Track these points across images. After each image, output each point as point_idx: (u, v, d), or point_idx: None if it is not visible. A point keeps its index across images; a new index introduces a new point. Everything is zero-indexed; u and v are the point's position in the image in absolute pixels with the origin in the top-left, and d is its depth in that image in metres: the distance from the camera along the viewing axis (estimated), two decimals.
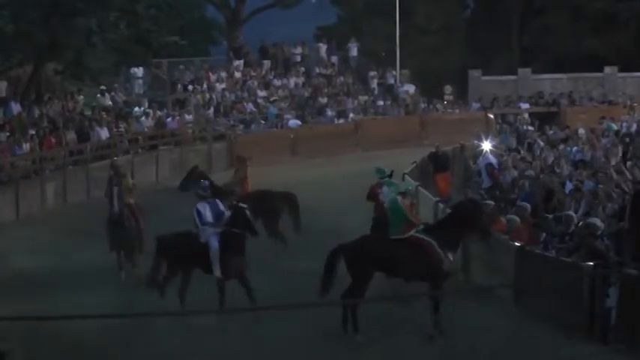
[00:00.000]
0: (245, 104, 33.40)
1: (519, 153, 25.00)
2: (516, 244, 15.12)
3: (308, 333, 13.99)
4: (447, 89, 36.08)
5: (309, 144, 31.48)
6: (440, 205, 18.54)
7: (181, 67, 35.33)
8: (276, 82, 35.34)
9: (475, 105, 35.13)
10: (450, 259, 14.05)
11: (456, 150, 26.84)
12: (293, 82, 35.57)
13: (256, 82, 35.06)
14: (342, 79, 36.33)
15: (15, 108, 28.32)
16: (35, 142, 26.20)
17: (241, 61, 36.32)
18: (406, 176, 22.06)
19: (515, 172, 21.88)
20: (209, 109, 32.74)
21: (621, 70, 35.70)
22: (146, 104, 31.90)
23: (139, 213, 18.04)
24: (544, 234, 16.22)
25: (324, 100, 34.36)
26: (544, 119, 33.23)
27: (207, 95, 33.59)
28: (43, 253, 19.61)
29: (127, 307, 15.46)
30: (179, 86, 34.28)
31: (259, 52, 37.44)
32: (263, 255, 17.20)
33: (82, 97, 31.60)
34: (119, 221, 17.51)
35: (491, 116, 33.46)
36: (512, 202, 18.84)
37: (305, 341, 13.87)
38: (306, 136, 31.74)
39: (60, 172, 25.88)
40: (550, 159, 23.76)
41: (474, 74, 36.72)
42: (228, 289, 14.98)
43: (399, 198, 14.74)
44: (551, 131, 29.48)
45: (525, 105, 34.72)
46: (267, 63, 36.58)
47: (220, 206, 15.48)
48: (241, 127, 32.28)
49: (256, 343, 13.90)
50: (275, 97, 34.13)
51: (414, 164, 24.19)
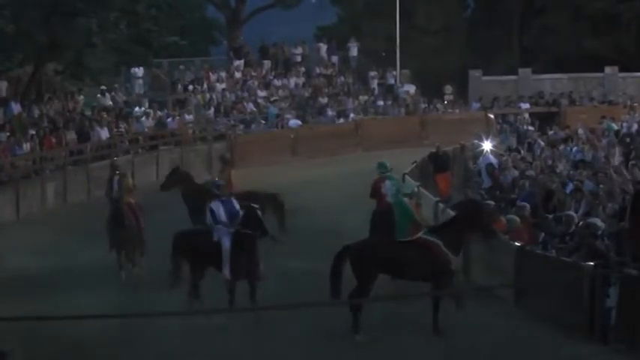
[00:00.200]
0: (245, 104, 33.38)
1: (519, 153, 25.00)
2: (516, 244, 15.13)
3: (308, 333, 13.99)
4: (448, 89, 36.05)
5: (309, 144, 31.46)
6: (440, 205, 18.53)
7: (181, 67, 35.33)
8: (277, 82, 35.33)
9: (475, 105, 35.11)
10: (455, 258, 14.06)
11: (456, 150, 26.82)
12: (293, 82, 35.55)
13: (256, 82, 35.04)
14: (342, 79, 36.32)
15: (15, 108, 28.32)
16: (35, 142, 26.20)
17: (241, 61, 36.32)
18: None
19: (516, 172, 21.88)
20: (209, 109, 32.73)
21: (621, 70, 35.67)
22: (146, 104, 31.88)
23: (139, 212, 18.03)
24: (543, 234, 16.23)
25: (324, 100, 34.34)
26: (544, 119, 33.22)
27: (208, 95, 33.58)
28: (43, 253, 19.59)
29: (127, 307, 15.45)
30: (179, 86, 34.27)
31: (259, 52, 37.44)
32: (263, 255, 17.16)
33: (82, 97, 31.58)
34: (119, 220, 17.48)
35: (492, 116, 33.44)
36: (512, 202, 18.84)
37: (305, 341, 13.86)
38: (307, 136, 31.72)
39: (60, 172, 25.88)
40: (550, 159, 23.76)
41: (474, 74, 36.70)
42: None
43: (406, 199, 14.72)
44: (552, 131, 29.48)
45: (525, 105, 34.69)
46: (267, 63, 36.58)
47: (235, 205, 15.24)
48: (241, 127, 32.27)
49: (257, 343, 13.90)
50: (275, 97, 34.12)
51: (414, 164, 24.18)
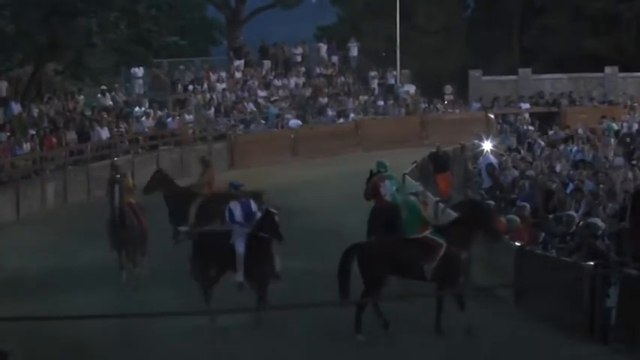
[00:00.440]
0: (245, 104, 33.38)
1: (519, 153, 25.00)
2: (516, 244, 15.13)
3: (308, 333, 13.99)
4: (448, 89, 36.05)
5: (309, 144, 31.47)
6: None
7: (182, 67, 35.32)
8: (277, 82, 35.33)
9: (475, 105, 35.11)
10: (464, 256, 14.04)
11: (457, 150, 26.83)
12: (293, 82, 35.55)
13: (257, 82, 35.04)
14: (342, 79, 36.31)
15: (15, 108, 28.33)
16: (35, 142, 26.21)
17: (242, 61, 36.32)
18: (406, 177, 22.10)
19: (516, 172, 21.88)
20: (209, 109, 32.73)
21: (621, 70, 35.66)
22: (146, 104, 31.88)
23: (140, 212, 17.98)
24: (543, 234, 16.23)
25: (324, 100, 34.34)
26: (544, 119, 33.21)
27: (208, 95, 33.58)
28: (43, 253, 19.60)
29: (127, 307, 15.45)
30: (179, 86, 34.27)
31: (259, 52, 37.44)
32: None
33: (82, 97, 31.57)
34: (121, 221, 17.45)
35: (492, 116, 33.43)
36: (512, 202, 18.84)
37: (305, 341, 13.86)
38: (307, 136, 31.73)
39: (60, 172, 25.88)
40: (550, 159, 23.76)
41: (474, 74, 36.70)
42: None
43: (415, 198, 14.70)
44: (552, 131, 29.48)
45: (526, 105, 34.69)
46: (267, 63, 36.58)
47: (252, 206, 15.15)
48: (242, 127, 32.27)
49: (257, 343, 13.90)
50: (275, 97, 34.11)
51: (414, 164, 24.19)
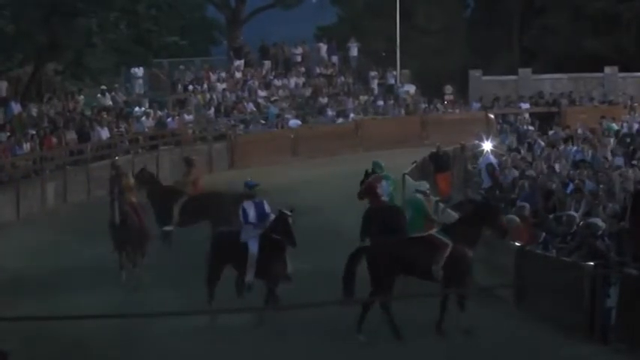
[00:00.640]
0: (245, 104, 33.38)
1: (519, 153, 24.99)
2: (516, 244, 15.13)
3: (308, 333, 13.99)
4: (448, 89, 36.04)
5: (309, 144, 31.47)
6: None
7: (182, 67, 35.32)
8: (277, 82, 35.33)
9: (475, 105, 35.11)
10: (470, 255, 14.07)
11: (457, 150, 26.83)
12: (293, 82, 35.55)
13: (257, 82, 35.04)
14: (342, 79, 36.31)
15: (15, 108, 28.34)
16: (35, 142, 26.21)
17: (242, 61, 36.32)
18: (406, 177, 22.10)
19: (516, 172, 21.87)
20: (209, 109, 32.74)
21: (621, 70, 35.66)
22: (146, 104, 31.89)
23: (141, 212, 17.98)
24: (543, 234, 16.23)
25: (324, 100, 34.34)
26: (544, 119, 33.21)
27: (208, 95, 33.58)
28: (43, 253, 19.60)
29: (127, 307, 15.44)
30: (179, 86, 34.28)
31: (259, 52, 37.44)
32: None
33: (82, 97, 31.57)
34: (121, 220, 17.44)
35: (492, 116, 33.43)
36: (512, 202, 18.83)
37: (305, 341, 13.86)
38: (307, 136, 31.73)
39: (60, 172, 25.88)
40: (550, 159, 23.75)
41: (474, 74, 36.69)
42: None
43: (422, 196, 14.69)
44: (552, 131, 29.47)
45: (526, 105, 34.69)
46: (267, 63, 36.58)
47: (266, 207, 15.12)
48: (242, 127, 32.28)
49: (257, 342, 13.90)
50: (275, 97, 34.11)
51: (414, 164, 24.19)
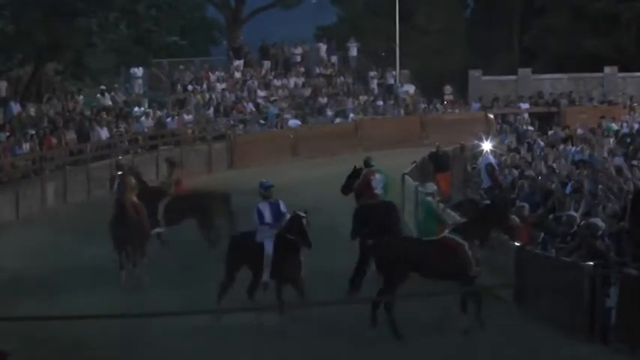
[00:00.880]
0: (245, 104, 33.39)
1: (519, 153, 24.99)
2: (516, 244, 15.13)
3: (308, 333, 13.99)
4: (447, 89, 36.05)
5: (309, 144, 31.48)
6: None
7: (181, 67, 35.33)
8: (276, 82, 35.33)
9: (475, 105, 35.12)
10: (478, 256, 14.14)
11: (456, 150, 26.84)
12: (293, 82, 35.56)
13: (256, 82, 35.05)
14: (342, 79, 36.33)
15: (15, 108, 28.35)
16: (35, 142, 26.22)
17: (241, 61, 36.33)
18: (406, 177, 22.12)
19: (515, 172, 21.87)
20: (209, 109, 32.74)
21: (621, 70, 35.67)
22: (146, 104, 31.90)
23: (142, 212, 17.96)
24: (542, 234, 16.23)
25: (324, 100, 34.35)
26: (544, 119, 33.23)
27: (207, 95, 33.59)
28: (43, 253, 19.60)
29: (127, 307, 15.43)
30: (179, 86, 34.29)
31: (259, 52, 37.45)
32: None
33: (82, 97, 31.57)
34: (124, 220, 17.44)
35: (492, 116, 33.45)
36: (511, 202, 18.82)
37: (305, 341, 13.86)
38: (307, 136, 31.74)
39: (60, 172, 25.89)
40: (550, 159, 23.73)
41: (474, 74, 36.70)
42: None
43: (431, 199, 14.74)
44: (552, 131, 29.47)
45: (525, 105, 34.70)
46: (267, 63, 36.58)
47: (282, 207, 15.00)
48: (241, 127, 32.29)
49: (256, 342, 13.89)
50: (275, 97, 34.12)
51: (414, 164, 24.20)
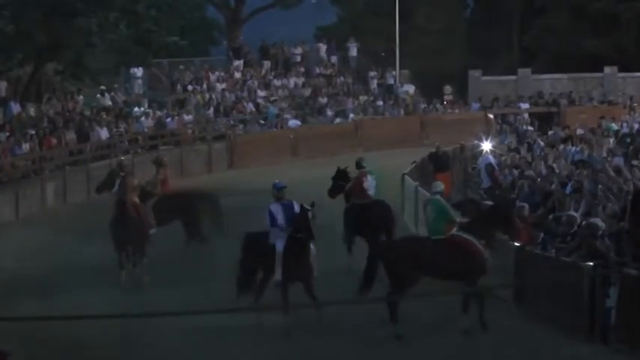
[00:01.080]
0: (245, 104, 33.39)
1: (519, 153, 24.98)
2: (516, 244, 15.13)
3: (308, 333, 13.99)
4: (447, 89, 36.05)
5: (309, 144, 31.47)
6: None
7: (181, 67, 35.33)
8: (276, 82, 35.34)
9: (475, 105, 35.12)
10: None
11: (456, 150, 26.84)
12: (293, 82, 35.56)
13: (256, 82, 35.05)
14: (342, 79, 36.33)
15: (15, 108, 28.35)
16: (35, 142, 26.22)
17: (241, 61, 36.34)
18: (406, 177, 22.11)
19: (515, 172, 21.86)
20: (209, 109, 32.74)
21: (621, 70, 35.68)
22: (146, 104, 31.91)
23: (143, 212, 17.96)
24: (542, 234, 16.23)
25: (324, 100, 34.35)
26: (544, 119, 33.23)
27: (207, 95, 33.59)
28: (43, 253, 19.60)
29: (127, 307, 15.43)
30: (179, 86, 34.29)
31: (259, 52, 37.46)
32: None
33: (81, 97, 31.57)
34: (125, 220, 17.45)
35: (491, 116, 33.46)
36: (512, 202, 18.80)
37: (305, 341, 13.86)
38: (307, 136, 31.74)
39: (60, 172, 25.90)
40: (550, 159, 23.73)
41: (474, 74, 36.71)
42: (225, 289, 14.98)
43: (440, 197, 14.74)
44: (551, 131, 29.46)
45: (525, 105, 34.70)
46: (267, 63, 36.59)
47: (296, 207, 14.85)
48: (241, 127, 32.29)
49: (256, 342, 13.90)
50: (275, 97, 34.12)
51: (413, 164, 24.20)
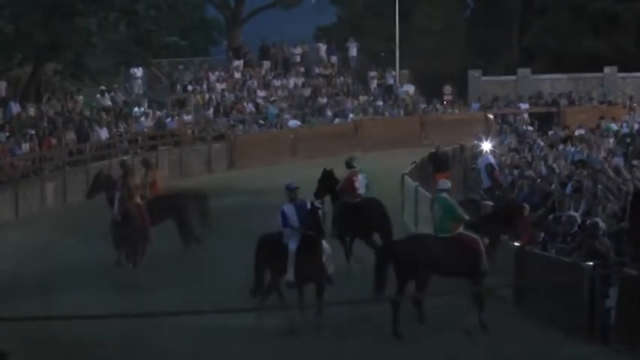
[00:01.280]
0: (245, 104, 33.39)
1: (519, 153, 24.97)
2: (516, 244, 15.13)
3: (309, 333, 14.00)
4: (447, 89, 36.03)
5: (309, 144, 31.46)
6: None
7: (181, 67, 35.34)
8: (276, 82, 35.33)
9: (475, 105, 35.10)
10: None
11: (456, 150, 26.83)
12: (293, 82, 35.55)
13: (256, 82, 35.04)
14: (341, 79, 36.32)
15: (14, 108, 28.35)
16: (35, 142, 26.21)
17: (241, 61, 36.33)
18: (406, 177, 22.12)
19: (516, 173, 21.86)
20: (209, 109, 32.73)
21: (621, 70, 35.67)
22: (146, 104, 31.89)
23: (145, 212, 17.95)
24: (542, 234, 16.22)
25: (323, 100, 34.35)
26: (544, 119, 33.21)
27: (207, 95, 33.58)
28: (42, 253, 19.61)
29: (127, 307, 15.43)
30: (179, 86, 34.27)
31: (259, 52, 37.46)
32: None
33: (81, 97, 31.57)
34: (126, 220, 17.44)
35: (491, 116, 33.44)
36: (512, 202, 18.79)
37: (306, 341, 13.87)
38: (306, 136, 31.73)
39: (59, 172, 25.90)
40: (550, 159, 23.72)
41: (473, 74, 36.70)
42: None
43: (447, 195, 14.75)
44: (551, 131, 29.46)
45: (525, 105, 34.68)
46: (266, 63, 36.58)
47: (309, 207, 14.79)
48: (241, 127, 32.28)
49: (256, 343, 13.90)
50: (275, 97, 34.12)
51: (413, 164, 24.20)
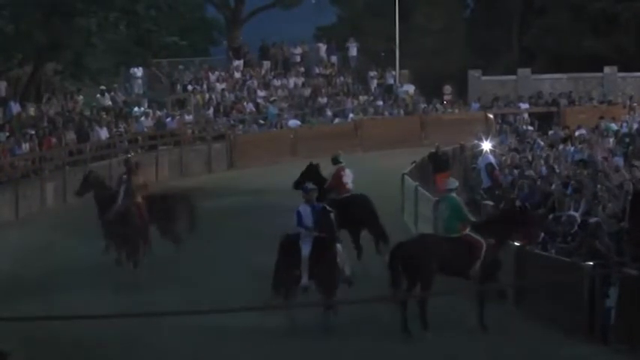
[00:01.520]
0: (245, 104, 33.39)
1: (519, 153, 24.98)
2: (516, 244, 15.12)
3: (309, 333, 13.99)
4: (447, 89, 36.03)
5: (309, 144, 31.43)
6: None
7: (181, 67, 35.33)
8: (276, 82, 35.33)
9: (475, 105, 35.10)
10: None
11: (456, 150, 26.84)
12: (293, 82, 35.55)
13: (256, 82, 35.04)
14: (341, 79, 36.32)
15: (14, 108, 28.35)
16: (35, 142, 26.21)
17: (241, 61, 36.33)
18: (405, 177, 22.12)
19: (515, 172, 21.87)
20: (209, 109, 32.73)
21: (621, 70, 35.68)
22: (146, 104, 31.89)
23: (145, 212, 17.93)
24: (543, 234, 16.22)
25: (323, 100, 34.35)
26: (544, 119, 33.22)
27: (207, 95, 33.58)
28: (42, 253, 19.61)
29: (127, 307, 15.43)
30: (179, 86, 34.27)
31: (259, 52, 37.46)
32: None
33: (81, 97, 31.57)
34: (125, 219, 17.42)
35: (491, 116, 33.44)
36: (511, 203, 18.79)
37: (306, 341, 13.86)
38: (306, 136, 31.72)
39: (59, 172, 25.89)
40: (550, 159, 23.73)
41: (473, 74, 36.70)
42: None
43: (455, 195, 14.74)
44: (552, 131, 29.46)
45: (525, 105, 34.69)
46: (266, 63, 36.58)
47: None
48: (241, 127, 32.29)
49: (256, 343, 13.90)
50: (275, 97, 34.12)
51: (413, 164, 24.20)
